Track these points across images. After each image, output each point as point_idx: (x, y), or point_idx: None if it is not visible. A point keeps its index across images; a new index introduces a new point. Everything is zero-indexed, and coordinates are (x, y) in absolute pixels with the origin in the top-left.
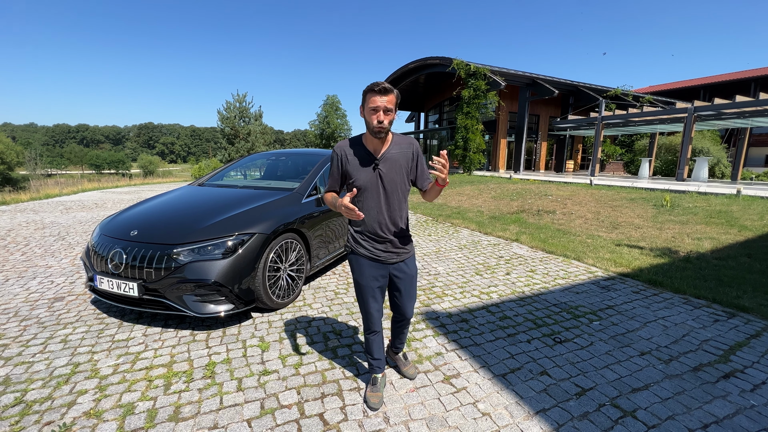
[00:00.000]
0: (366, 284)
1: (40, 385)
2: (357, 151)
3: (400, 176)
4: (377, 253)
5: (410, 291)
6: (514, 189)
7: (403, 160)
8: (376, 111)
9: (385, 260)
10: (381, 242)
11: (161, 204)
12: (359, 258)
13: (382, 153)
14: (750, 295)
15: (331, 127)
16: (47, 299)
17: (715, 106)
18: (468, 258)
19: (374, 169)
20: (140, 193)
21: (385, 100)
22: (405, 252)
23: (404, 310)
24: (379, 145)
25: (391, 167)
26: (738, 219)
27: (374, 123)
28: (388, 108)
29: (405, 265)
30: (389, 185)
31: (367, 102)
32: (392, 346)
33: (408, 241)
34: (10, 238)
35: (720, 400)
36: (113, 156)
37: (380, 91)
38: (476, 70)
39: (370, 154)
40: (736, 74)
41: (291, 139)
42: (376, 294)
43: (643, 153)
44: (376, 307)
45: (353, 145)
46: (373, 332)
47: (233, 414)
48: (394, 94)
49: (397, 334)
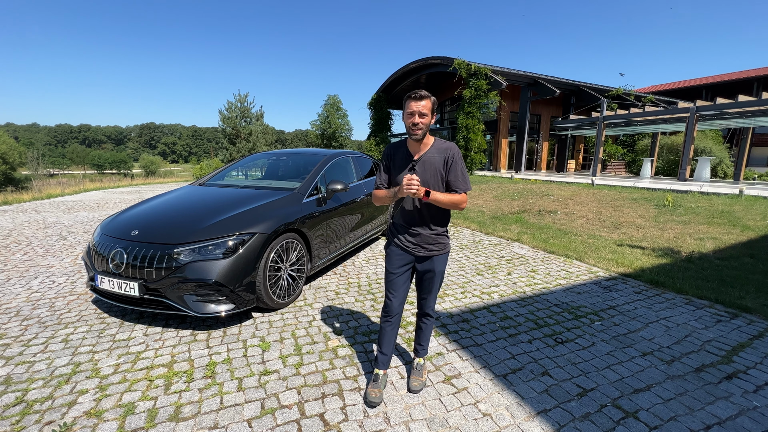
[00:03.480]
0: (391, 271)
1: (41, 385)
2: (400, 152)
3: (434, 178)
4: (406, 243)
5: (430, 287)
6: (516, 189)
7: (439, 164)
8: (412, 115)
9: (412, 252)
10: (412, 235)
11: (162, 204)
12: (392, 246)
13: (420, 155)
14: (753, 296)
15: (332, 127)
16: (48, 299)
17: (717, 106)
18: (469, 258)
19: (411, 169)
20: (142, 193)
21: (421, 105)
22: (434, 249)
23: (422, 303)
24: (418, 148)
25: (426, 169)
26: (740, 219)
27: (410, 125)
28: (423, 113)
29: (431, 262)
30: (423, 185)
31: (406, 107)
32: (414, 345)
33: (440, 240)
34: (12, 238)
35: (722, 401)
36: (115, 156)
37: (416, 97)
38: (477, 70)
39: (410, 155)
40: (738, 74)
41: (292, 139)
42: (397, 282)
43: (645, 153)
44: (397, 295)
45: (399, 147)
46: (388, 321)
47: (234, 414)
48: (431, 100)
49: (417, 330)
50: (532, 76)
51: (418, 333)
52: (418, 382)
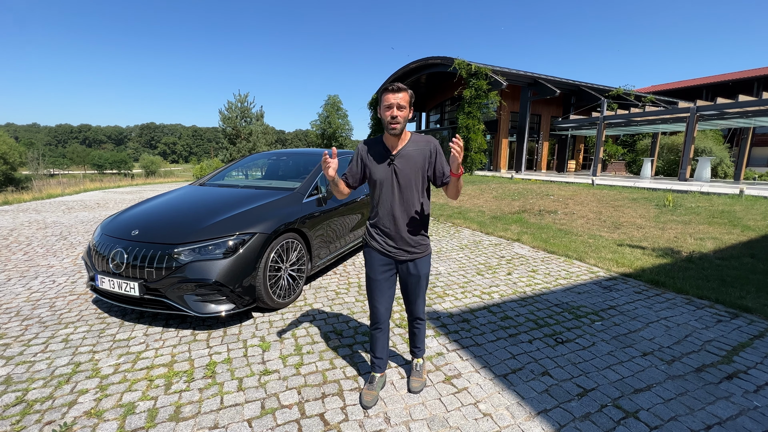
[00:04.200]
0: (374, 277)
1: (41, 385)
2: (376, 148)
3: (415, 172)
4: (388, 248)
5: (417, 291)
6: (516, 189)
7: (419, 158)
8: (390, 108)
9: (394, 256)
10: (393, 238)
11: (162, 204)
12: (371, 251)
13: (398, 150)
14: (753, 296)
15: (332, 127)
16: (49, 299)
17: (717, 106)
18: (469, 258)
19: (389, 164)
20: (142, 193)
21: (398, 97)
22: (417, 252)
23: (411, 308)
24: (395, 142)
25: (406, 163)
26: (741, 219)
27: (388, 118)
28: (401, 105)
29: (414, 265)
30: (403, 180)
31: (382, 100)
32: (410, 348)
33: (422, 242)
34: (13, 238)
35: (723, 401)
36: (115, 156)
37: (393, 89)
38: (478, 70)
39: (388, 151)
40: (738, 74)
41: (292, 139)
42: (382, 288)
43: (646, 153)
44: (382, 301)
45: (374, 143)
46: (377, 328)
47: (234, 414)
48: (408, 93)
49: (411, 334)
50: (532, 76)
51: (412, 338)
52: (419, 382)
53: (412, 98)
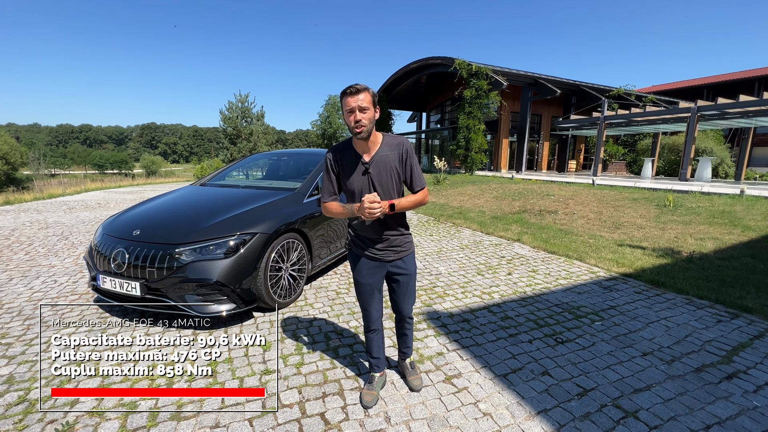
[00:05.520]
0: (364, 282)
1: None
2: (347, 155)
3: (391, 178)
4: (374, 251)
5: (407, 289)
6: (516, 189)
7: (394, 162)
8: (351, 112)
9: (382, 258)
10: (378, 242)
11: (163, 204)
12: (358, 256)
13: (372, 156)
14: (753, 296)
15: (333, 127)
16: (50, 298)
17: (718, 106)
18: (469, 258)
19: (364, 173)
20: (143, 193)
21: (359, 99)
22: (403, 250)
23: (401, 307)
24: (367, 148)
25: (381, 170)
26: (741, 219)
27: (352, 123)
28: (362, 107)
29: (403, 263)
30: (381, 188)
31: (343, 105)
32: (399, 351)
33: (406, 240)
34: (14, 238)
35: (723, 401)
36: (116, 156)
37: (352, 92)
38: (478, 70)
39: (360, 158)
40: (739, 74)
41: (293, 139)
42: (374, 292)
43: (646, 153)
44: (375, 305)
45: (343, 149)
46: (372, 330)
47: (234, 413)
48: (369, 92)
49: (400, 335)
50: (532, 76)
51: (402, 339)
52: (418, 380)
53: (375, 97)
